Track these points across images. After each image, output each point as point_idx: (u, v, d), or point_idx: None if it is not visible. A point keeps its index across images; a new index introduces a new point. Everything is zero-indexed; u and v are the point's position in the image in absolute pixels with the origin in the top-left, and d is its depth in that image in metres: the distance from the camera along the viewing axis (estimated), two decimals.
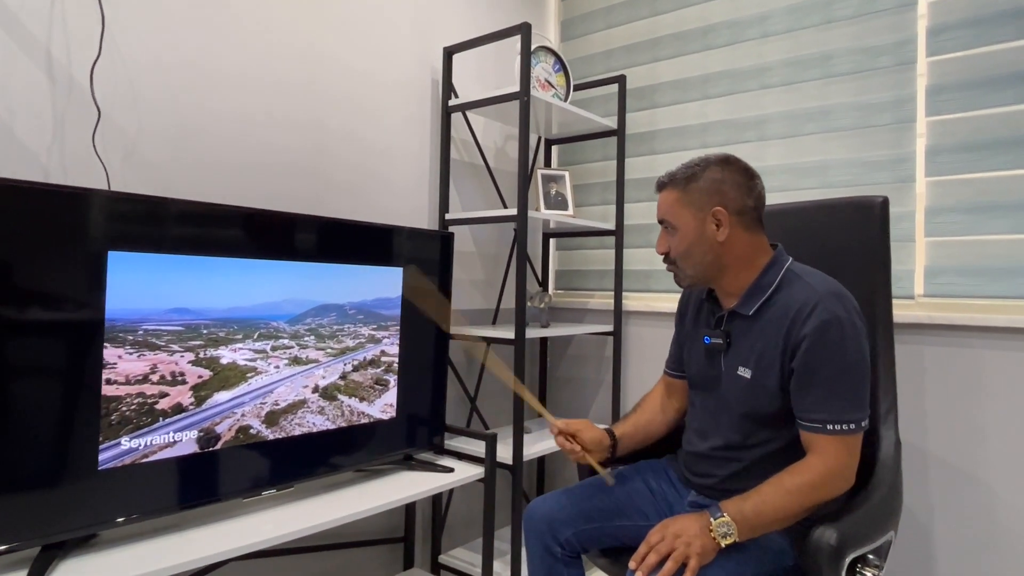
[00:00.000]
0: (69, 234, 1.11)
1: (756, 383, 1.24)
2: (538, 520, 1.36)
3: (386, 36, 1.96)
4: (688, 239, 1.27)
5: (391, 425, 1.71)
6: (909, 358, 1.79)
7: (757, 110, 2.10)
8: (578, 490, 1.40)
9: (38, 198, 1.08)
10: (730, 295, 1.32)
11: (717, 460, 1.32)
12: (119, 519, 1.20)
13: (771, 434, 1.26)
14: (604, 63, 2.49)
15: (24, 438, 1.08)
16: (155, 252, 1.24)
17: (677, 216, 1.29)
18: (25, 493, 1.09)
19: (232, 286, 1.37)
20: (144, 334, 1.24)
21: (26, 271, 1.07)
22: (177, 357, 1.29)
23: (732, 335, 1.31)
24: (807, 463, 1.17)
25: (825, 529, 1.12)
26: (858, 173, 1.90)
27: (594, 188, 2.52)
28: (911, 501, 1.78)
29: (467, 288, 2.27)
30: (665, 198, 1.31)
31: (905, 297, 1.82)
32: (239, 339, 1.39)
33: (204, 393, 1.34)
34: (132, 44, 1.40)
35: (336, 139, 1.83)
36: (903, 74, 1.83)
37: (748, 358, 1.26)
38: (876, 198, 1.46)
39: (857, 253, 1.47)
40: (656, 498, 1.41)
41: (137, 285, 1.22)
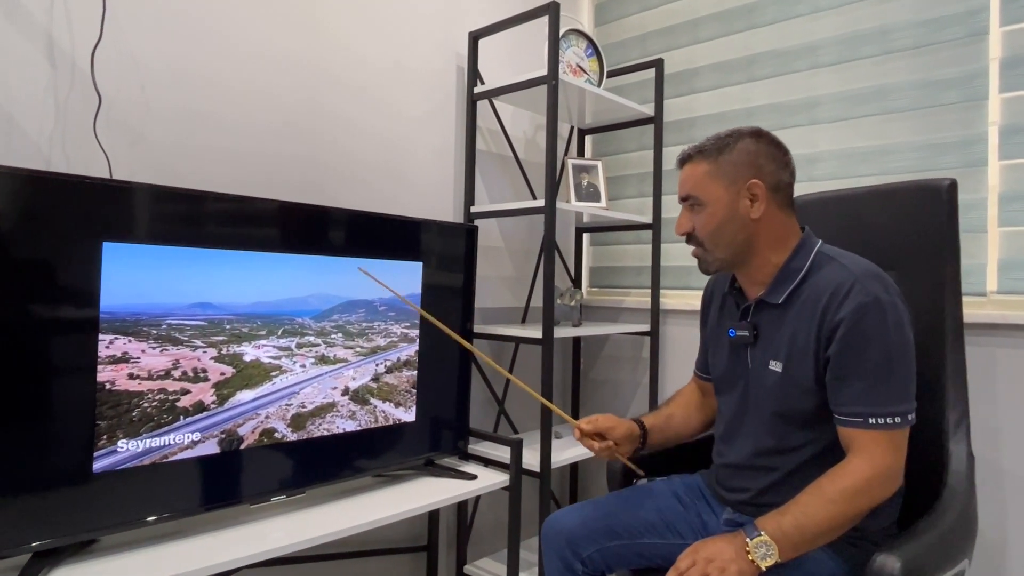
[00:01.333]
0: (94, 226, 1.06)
1: (788, 377, 1.11)
2: (557, 534, 1.25)
3: (409, 21, 1.87)
4: (718, 216, 1.14)
5: (412, 428, 1.62)
6: (980, 362, 1.61)
7: (807, 92, 1.93)
8: (605, 503, 1.28)
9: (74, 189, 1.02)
10: (756, 283, 1.19)
11: (750, 471, 1.19)
12: (115, 525, 1.14)
13: (807, 437, 1.12)
14: (640, 48, 2.36)
15: (23, 439, 1.03)
16: (178, 245, 1.21)
17: (706, 190, 1.15)
18: (17, 497, 1.03)
19: (256, 280, 1.33)
20: (168, 328, 1.21)
21: (51, 263, 1.01)
22: (200, 353, 1.26)
23: (760, 327, 1.17)
24: (849, 465, 1.03)
25: (887, 557, 0.97)
26: (921, 158, 1.73)
27: (630, 179, 2.39)
28: (984, 524, 1.60)
29: (496, 285, 2.16)
30: (692, 171, 1.18)
31: (976, 294, 1.64)
32: (263, 335, 1.35)
33: (226, 391, 1.30)
34: (135, 26, 1.34)
35: (356, 127, 1.75)
36: (973, 47, 1.65)
37: (778, 350, 1.13)
38: (943, 181, 1.29)
39: (921, 244, 1.30)
40: (689, 514, 1.27)
41: (161, 279, 1.19)
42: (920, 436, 1.25)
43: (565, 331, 1.89)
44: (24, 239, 1.02)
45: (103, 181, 1.11)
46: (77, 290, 1.08)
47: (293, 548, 1.24)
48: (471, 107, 1.98)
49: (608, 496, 1.31)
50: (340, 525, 1.33)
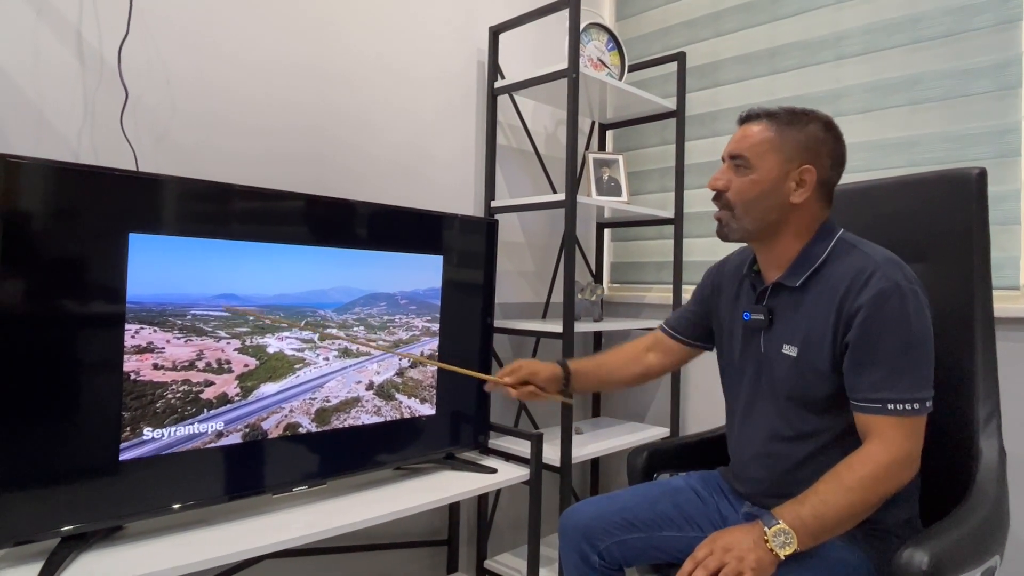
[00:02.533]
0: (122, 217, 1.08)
1: (803, 362, 1.10)
2: (573, 526, 1.24)
3: (429, 17, 1.88)
4: (761, 186, 1.11)
5: (433, 422, 1.63)
6: (1013, 357, 1.57)
7: (833, 83, 1.90)
8: (622, 496, 1.28)
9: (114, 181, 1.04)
10: (774, 266, 1.17)
11: (765, 459, 1.17)
12: (141, 512, 1.17)
13: (821, 423, 1.10)
14: (662, 41, 2.34)
15: (52, 428, 1.05)
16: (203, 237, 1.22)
17: (760, 155, 1.11)
18: (41, 484, 1.05)
19: (279, 272, 1.35)
20: (192, 319, 1.23)
21: (80, 253, 1.04)
22: (223, 344, 1.27)
23: (775, 311, 1.16)
24: (867, 452, 1.01)
25: (915, 551, 0.95)
26: (952, 148, 1.69)
27: (652, 174, 2.37)
28: (1017, 521, 1.56)
29: (516, 280, 2.16)
30: (752, 132, 1.13)
31: (1009, 288, 1.60)
32: (285, 327, 1.36)
33: (250, 384, 1.31)
34: (161, 22, 1.36)
35: (378, 124, 1.76)
36: (1006, 34, 1.61)
37: (794, 335, 1.11)
38: (972, 170, 1.25)
39: (950, 236, 1.27)
40: (708, 508, 1.26)
41: (186, 270, 1.21)
42: (949, 430, 1.23)
43: (586, 326, 1.88)
44: (54, 230, 1.05)
45: (131, 173, 1.13)
46: (104, 280, 1.10)
47: (314, 538, 1.25)
48: (491, 102, 1.98)
49: (626, 490, 1.31)
50: (361, 516, 1.34)
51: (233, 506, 1.34)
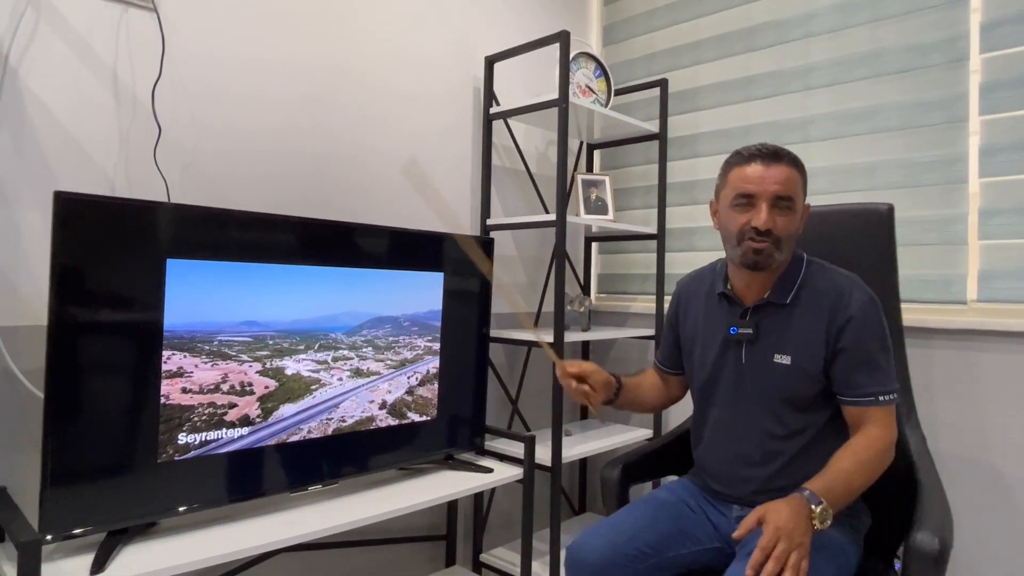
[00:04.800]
0: (159, 246, 1.20)
1: (797, 367, 1.26)
2: (589, 566, 1.21)
3: (429, 47, 2.02)
4: (796, 223, 1.27)
5: (434, 426, 1.76)
6: (963, 366, 1.73)
7: (802, 111, 2.06)
8: (627, 521, 1.28)
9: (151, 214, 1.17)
10: (756, 287, 1.32)
11: (757, 459, 1.29)
12: (180, 508, 1.29)
13: (808, 420, 1.27)
14: (646, 67, 2.49)
15: (97, 436, 1.18)
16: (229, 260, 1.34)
17: (797, 196, 1.25)
18: (93, 484, 1.18)
19: (294, 299, 1.45)
20: (219, 344, 1.34)
21: (122, 282, 1.16)
22: (246, 367, 1.37)
23: (761, 325, 1.31)
24: (871, 435, 1.19)
25: (925, 534, 1.11)
26: (908, 175, 1.85)
27: (636, 192, 2.52)
28: (966, 519, 1.72)
29: (509, 291, 2.30)
30: (791, 175, 1.24)
31: (956, 302, 1.76)
32: (301, 349, 1.47)
33: (271, 405, 1.42)
34: (190, 65, 1.49)
35: (381, 148, 1.89)
36: (955, 71, 1.77)
37: (785, 345, 1.27)
38: (882, 206, 1.49)
39: (868, 259, 1.49)
40: (700, 518, 1.34)
41: (205, 297, 1.31)
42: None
43: (575, 335, 2.02)
44: (105, 258, 1.17)
45: (170, 205, 1.26)
46: (145, 301, 1.23)
47: (327, 533, 1.38)
48: (487, 126, 2.12)
49: (626, 513, 1.31)
50: (368, 513, 1.46)
51: (255, 504, 1.47)
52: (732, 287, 1.36)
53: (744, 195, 1.24)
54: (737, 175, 1.26)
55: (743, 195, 1.24)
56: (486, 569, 2.11)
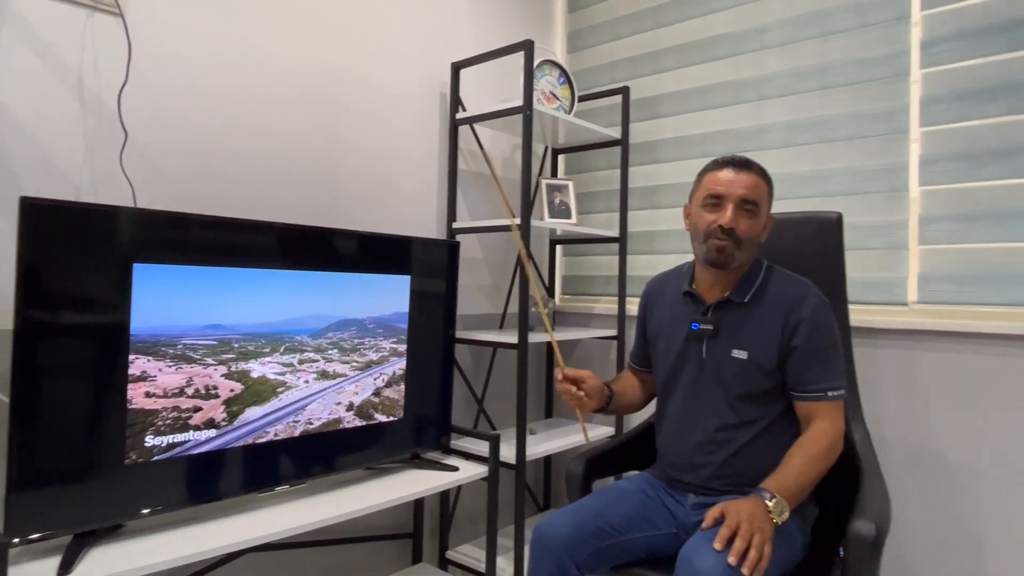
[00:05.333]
0: (126, 251, 1.22)
1: (753, 363, 1.36)
2: (553, 541, 1.30)
3: (396, 52, 2.05)
4: (758, 227, 1.38)
5: (400, 425, 1.79)
6: (905, 364, 1.83)
7: (756, 120, 2.15)
8: (590, 505, 1.37)
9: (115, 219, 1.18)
10: (718, 287, 1.42)
11: (712, 445, 1.38)
12: (143, 511, 1.30)
13: (760, 412, 1.37)
14: (609, 74, 2.56)
15: (63, 439, 1.19)
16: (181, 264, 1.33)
17: (762, 202, 1.36)
18: (60, 487, 1.19)
19: (259, 302, 1.46)
20: (183, 348, 1.34)
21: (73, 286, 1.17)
22: (211, 370, 1.38)
23: (721, 322, 1.40)
24: (820, 429, 1.29)
25: (863, 522, 1.19)
26: (854, 182, 1.94)
27: (599, 196, 2.59)
28: (913, 499, 1.83)
29: (474, 293, 2.34)
30: (755, 181, 1.35)
31: (898, 304, 1.86)
32: (267, 352, 1.48)
33: (236, 408, 1.42)
34: (156, 70, 1.50)
35: (347, 151, 1.92)
36: (897, 85, 1.87)
37: (743, 341, 1.37)
38: (832, 214, 1.60)
39: (818, 263, 1.59)
40: (657, 506, 1.43)
41: (171, 301, 1.32)
42: None
43: (539, 336, 2.07)
44: (72, 262, 1.18)
45: (134, 209, 1.27)
46: (111, 311, 1.24)
47: (294, 532, 1.40)
48: (453, 131, 2.16)
49: (589, 499, 1.41)
50: (335, 512, 1.49)
51: (222, 505, 1.49)
52: (696, 286, 1.47)
53: (714, 196, 1.36)
54: (710, 178, 1.38)
55: (713, 196, 1.36)
56: (452, 566, 2.15)
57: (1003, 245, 1.70)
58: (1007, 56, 1.70)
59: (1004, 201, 1.70)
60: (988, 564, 1.69)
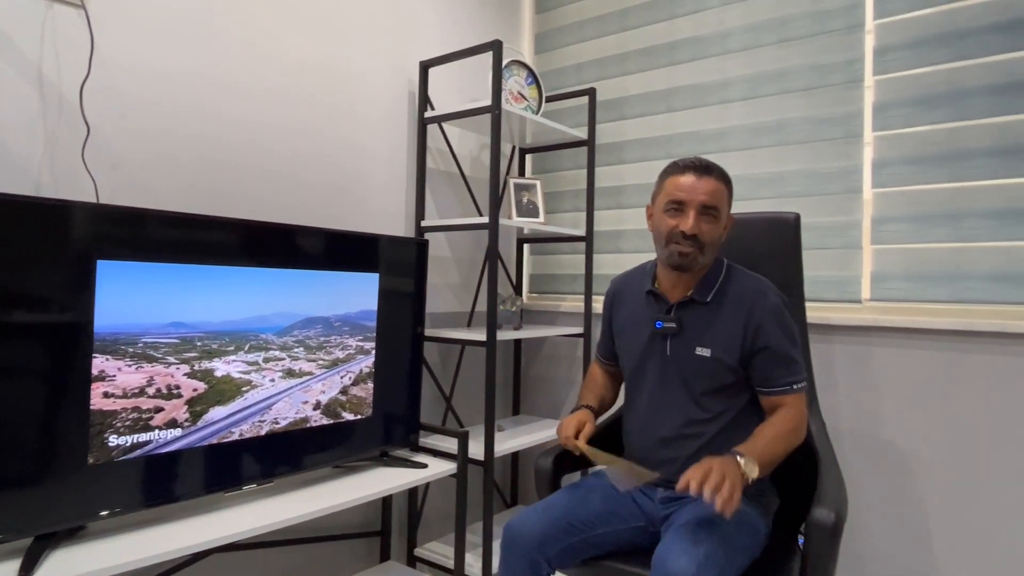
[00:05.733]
0: (89, 247, 1.19)
1: (716, 359, 1.40)
2: (525, 537, 1.32)
3: (363, 50, 2.05)
4: (719, 230, 1.41)
5: (368, 423, 1.79)
6: (859, 358, 1.90)
7: (719, 123, 2.20)
8: (559, 502, 1.39)
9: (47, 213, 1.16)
10: (681, 287, 1.46)
11: (680, 440, 1.42)
12: (104, 512, 1.28)
13: (725, 406, 1.41)
14: (576, 75, 2.59)
15: (21, 440, 1.16)
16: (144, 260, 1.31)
17: (722, 206, 1.39)
18: (18, 489, 1.16)
19: (223, 299, 1.44)
20: (144, 346, 1.31)
21: (35, 284, 1.15)
22: (173, 369, 1.35)
23: (684, 320, 1.44)
24: (786, 414, 1.35)
25: (822, 510, 1.24)
26: (810, 184, 2.01)
27: (566, 195, 2.62)
28: (867, 487, 1.90)
29: (443, 292, 2.35)
30: (718, 187, 1.38)
31: (853, 301, 1.93)
32: (231, 351, 1.45)
33: (200, 408, 1.40)
34: (120, 63, 1.47)
35: (315, 149, 1.91)
36: (852, 91, 1.95)
37: (706, 338, 1.41)
38: (789, 215, 1.66)
39: (777, 262, 1.65)
40: (625, 499, 1.45)
41: (133, 298, 1.29)
42: None
43: (507, 334, 2.09)
44: (32, 258, 1.16)
45: (93, 204, 1.25)
46: (72, 309, 1.22)
47: (261, 531, 1.39)
48: (421, 130, 2.16)
49: (558, 495, 1.43)
50: (302, 511, 1.48)
51: (187, 505, 1.47)
52: (659, 285, 1.50)
53: (676, 201, 1.38)
54: (672, 183, 1.40)
55: (675, 201, 1.39)
56: (420, 563, 2.15)
57: (950, 245, 1.78)
58: (953, 65, 1.78)
59: (951, 203, 1.78)
60: (938, 552, 1.78)
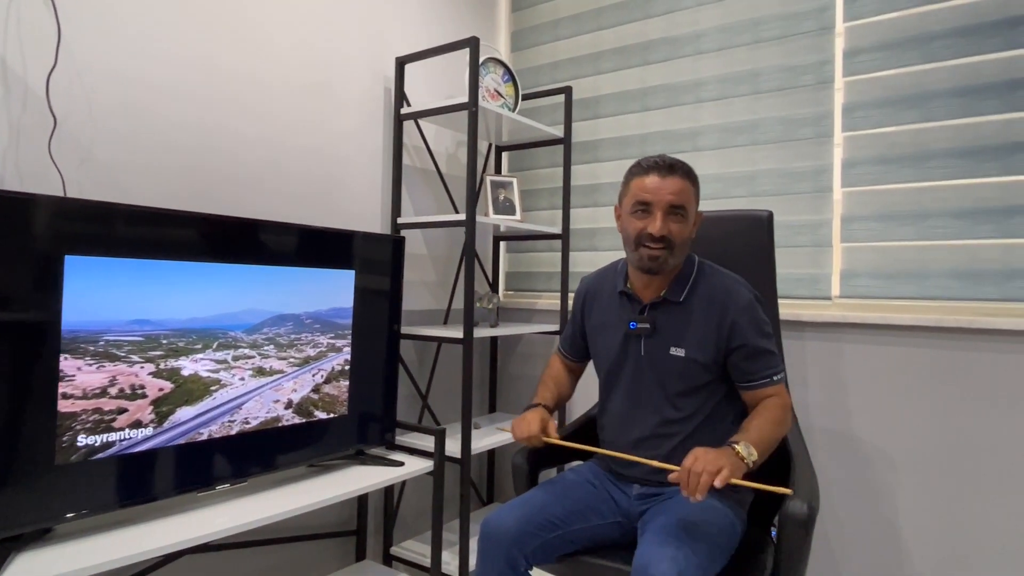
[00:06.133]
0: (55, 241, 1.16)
1: (690, 360, 1.40)
2: (503, 534, 1.32)
3: (338, 45, 2.03)
4: (688, 229, 1.40)
5: (344, 422, 1.78)
6: (829, 353, 1.94)
7: (692, 122, 2.23)
8: (537, 499, 1.39)
9: None
10: (653, 287, 1.45)
11: (655, 440, 1.43)
12: (71, 514, 1.25)
13: (700, 403, 1.42)
14: (551, 74, 2.60)
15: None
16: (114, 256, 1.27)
17: (690, 205, 1.38)
18: None
19: (190, 296, 1.39)
20: (105, 345, 1.25)
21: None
22: (137, 368, 1.29)
23: (658, 321, 1.44)
24: (772, 403, 1.35)
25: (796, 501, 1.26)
26: (782, 183, 2.05)
27: (542, 193, 2.63)
28: (837, 478, 1.94)
29: (419, 289, 2.34)
30: (684, 186, 1.36)
31: (823, 298, 1.97)
32: (199, 348, 1.40)
33: (166, 408, 1.34)
34: (87, 54, 1.44)
35: (290, 145, 1.89)
36: (822, 92, 1.99)
37: (680, 338, 1.41)
38: (763, 213, 1.68)
39: (750, 259, 1.67)
40: (602, 495, 1.46)
41: (98, 295, 1.24)
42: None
43: (484, 331, 2.09)
44: None
45: (55, 198, 1.22)
46: (36, 306, 1.18)
47: (234, 531, 1.36)
48: (398, 126, 2.15)
49: (535, 492, 1.43)
50: (277, 510, 1.46)
51: (159, 505, 1.44)
52: (631, 286, 1.49)
53: (642, 203, 1.37)
54: (637, 184, 1.39)
55: (641, 203, 1.37)
56: (396, 561, 2.14)
57: (916, 243, 1.83)
58: (920, 68, 1.83)
59: (917, 203, 1.83)
60: (906, 542, 1.82)
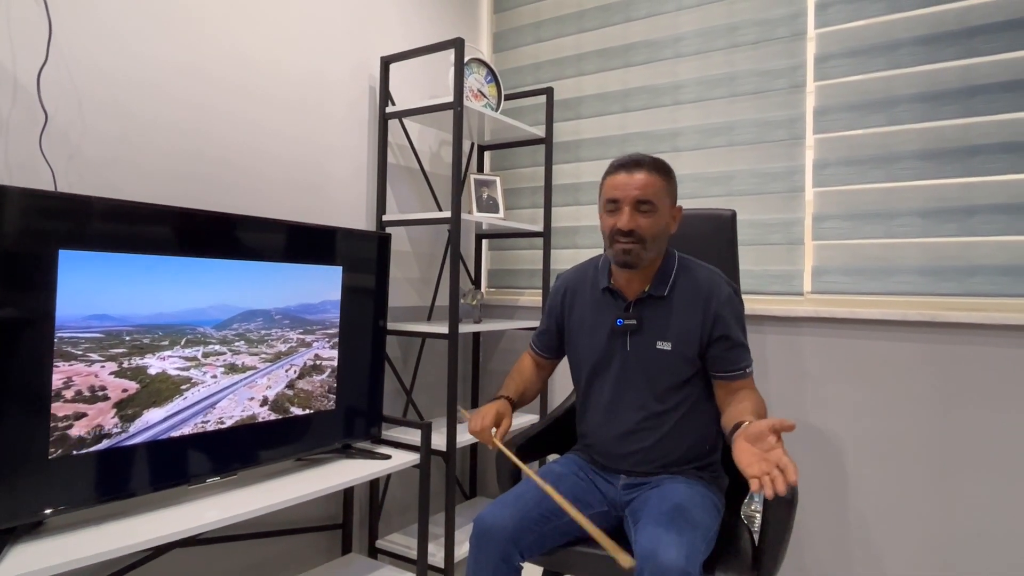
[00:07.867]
0: None
1: (676, 353, 1.45)
2: (501, 531, 1.32)
3: (323, 44, 2.05)
4: (660, 224, 1.41)
5: (330, 416, 1.80)
6: (801, 348, 2.02)
7: (671, 123, 2.29)
8: (528, 492, 1.40)
9: None
10: (637, 282, 1.48)
11: (640, 433, 1.47)
12: (61, 507, 1.25)
13: (683, 396, 1.46)
14: (534, 75, 2.65)
15: None
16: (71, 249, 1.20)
17: (661, 200, 1.40)
18: None
19: (157, 291, 1.32)
20: (59, 343, 1.14)
21: None
22: (97, 368, 1.18)
23: (643, 316, 1.48)
24: (752, 394, 1.39)
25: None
26: (757, 183, 2.12)
27: (524, 192, 2.68)
28: (802, 468, 2.02)
29: (403, 286, 2.37)
30: (650, 180, 1.38)
31: (795, 294, 2.05)
32: (166, 345, 1.31)
33: (132, 411, 1.25)
34: (77, 52, 1.45)
35: (276, 142, 1.91)
36: (795, 95, 2.06)
37: (666, 333, 1.46)
38: (726, 212, 1.75)
39: (715, 256, 1.73)
40: (590, 487, 1.50)
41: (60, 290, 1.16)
42: None
43: (467, 327, 2.13)
44: None
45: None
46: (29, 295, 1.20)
47: (222, 524, 1.38)
48: (383, 125, 2.18)
49: (524, 486, 1.42)
50: (264, 503, 1.48)
51: (147, 499, 1.45)
52: (615, 283, 1.53)
53: (611, 200, 1.42)
54: (608, 183, 1.44)
55: (611, 200, 1.42)
56: (382, 554, 2.17)
57: (883, 241, 1.91)
58: (887, 73, 1.91)
59: (885, 202, 1.91)
60: (871, 531, 1.90)
